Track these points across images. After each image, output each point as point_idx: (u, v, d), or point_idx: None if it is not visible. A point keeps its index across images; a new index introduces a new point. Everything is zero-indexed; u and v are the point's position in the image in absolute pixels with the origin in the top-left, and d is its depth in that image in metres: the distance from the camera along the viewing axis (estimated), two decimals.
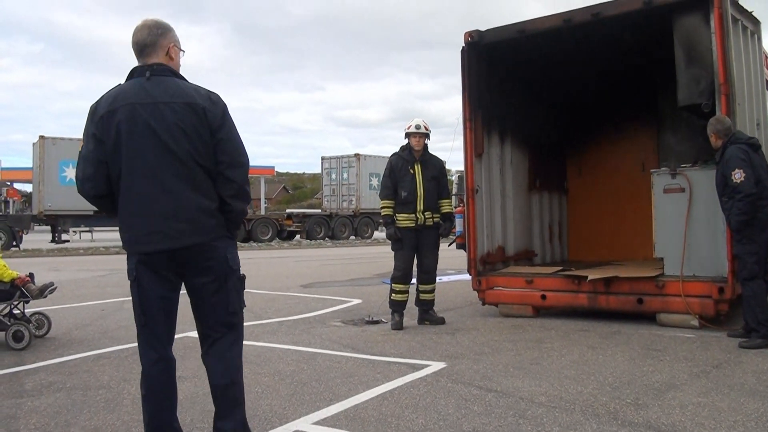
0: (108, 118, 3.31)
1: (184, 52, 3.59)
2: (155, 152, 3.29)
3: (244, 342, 3.72)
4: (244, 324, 3.72)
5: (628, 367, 5.71)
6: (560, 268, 9.11)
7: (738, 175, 6.37)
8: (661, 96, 10.81)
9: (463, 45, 8.84)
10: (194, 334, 3.72)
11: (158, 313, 3.41)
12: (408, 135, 8.14)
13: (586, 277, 7.99)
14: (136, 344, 3.55)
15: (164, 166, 3.30)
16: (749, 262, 6.48)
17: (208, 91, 3.48)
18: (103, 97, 3.42)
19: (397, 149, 8.33)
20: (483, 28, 8.82)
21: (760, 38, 8.46)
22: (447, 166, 8.79)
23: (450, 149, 35.94)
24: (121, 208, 3.38)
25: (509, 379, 5.34)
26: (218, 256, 3.43)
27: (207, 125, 3.36)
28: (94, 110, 3.39)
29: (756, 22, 8.33)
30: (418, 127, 8.09)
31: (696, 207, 7.60)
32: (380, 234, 36.37)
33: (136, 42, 3.45)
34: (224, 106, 3.48)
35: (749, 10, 8.04)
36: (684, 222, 7.62)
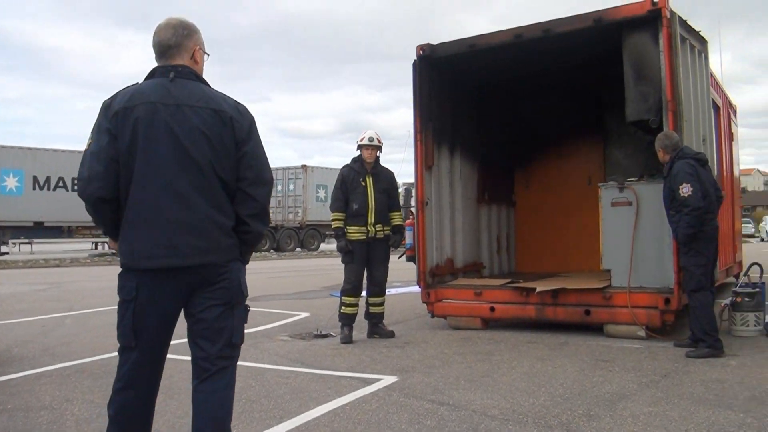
0: (124, 114, 2.98)
1: (208, 55, 3.33)
2: (174, 158, 2.97)
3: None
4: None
5: (578, 378, 5.73)
6: (508, 280, 9.15)
7: (686, 189, 6.50)
8: (608, 112, 11.02)
9: (415, 58, 8.84)
10: None
11: (154, 339, 3.02)
12: (360, 147, 8.08)
13: (535, 288, 8.04)
14: (78, 361, 3.33)
15: (182, 174, 2.97)
16: (696, 274, 6.60)
17: (236, 101, 3.21)
18: (118, 93, 3.10)
19: (344, 161, 8.29)
20: (434, 42, 8.84)
21: (707, 57, 8.68)
22: (398, 179, 8.77)
23: (400, 161, 36.00)
24: (127, 216, 3.00)
25: (461, 392, 5.29)
26: (230, 278, 3.07)
27: (233, 136, 3.07)
28: (108, 106, 3.05)
29: (703, 42, 8.54)
30: (371, 139, 8.05)
31: (643, 220, 7.72)
32: (327, 246, 36.20)
33: (159, 42, 3.16)
34: (252, 118, 3.21)
35: (697, 29, 8.24)
36: (631, 234, 7.73)
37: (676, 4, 7.49)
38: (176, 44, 3.15)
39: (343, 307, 7.91)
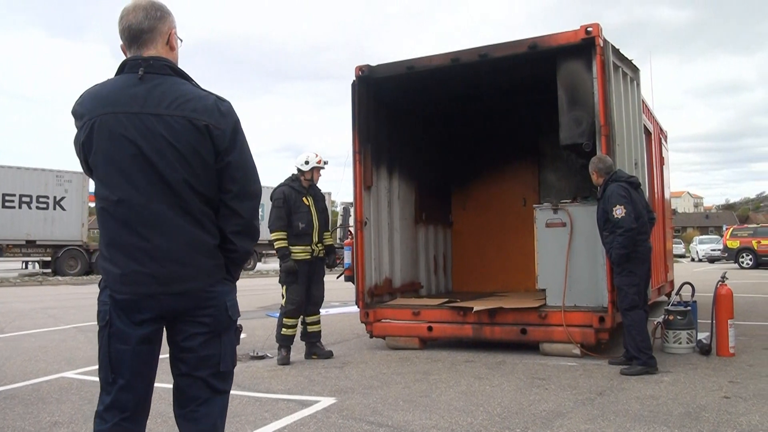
0: (83, 126, 2.64)
1: (182, 41, 2.89)
2: (144, 178, 2.60)
3: None
4: None
5: (515, 396, 5.79)
6: (446, 299, 9.21)
7: (619, 211, 6.69)
8: (542, 135, 11.28)
9: (354, 79, 8.89)
10: (71, 374, 3.34)
11: (134, 369, 2.63)
12: (313, 169, 8.06)
13: (472, 308, 8.12)
14: (8, 387, 3.05)
15: (156, 196, 2.60)
16: (630, 293, 6.78)
17: (218, 98, 2.76)
18: (82, 96, 2.71)
19: (282, 179, 8.21)
20: (374, 63, 8.92)
21: (638, 85, 8.97)
22: (335, 198, 8.79)
23: (339, 181, 35.97)
24: (104, 239, 2.66)
25: (400, 413, 5.28)
26: (217, 304, 2.71)
27: (211, 146, 2.67)
28: (74, 113, 2.70)
29: (635, 70, 8.84)
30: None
31: (576, 240, 7.91)
32: (263, 266, 35.77)
33: (129, 26, 2.71)
34: (236, 119, 2.77)
35: (629, 58, 8.52)
36: (565, 255, 7.90)
37: (611, 35, 7.73)
38: (149, 29, 2.72)
39: (283, 329, 7.79)
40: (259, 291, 20.55)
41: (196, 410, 2.73)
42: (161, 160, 2.60)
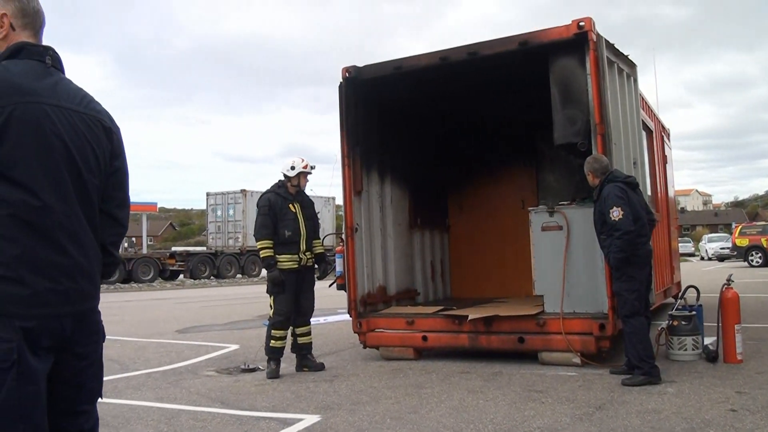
0: (4, 114, 2.15)
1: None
2: (67, 180, 2.26)
3: (105, 400, 2.94)
4: (108, 378, 2.87)
5: (509, 412, 5.49)
6: (441, 307, 8.90)
7: (616, 213, 6.36)
8: (538, 135, 10.95)
9: (341, 80, 8.61)
10: None
11: (42, 417, 2.19)
12: (300, 174, 7.79)
13: (467, 316, 7.81)
14: None
15: (74, 201, 2.27)
16: (630, 299, 6.46)
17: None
18: None
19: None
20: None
21: (635, 80, 8.66)
22: (339, 202, 8.58)
23: (338, 185, 35.64)
24: (4, 247, 2.14)
25: None
26: (100, 320, 2.43)
27: (110, 150, 2.44)
28: None
29: (632, 65, 8.53)
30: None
31: (574, 244, 7.60)
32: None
33: (39, 12, 2.40)
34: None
35: (625, 53, 8.21)
36: (562, 259, 7.59)
37: (613, 33, 7.44)
38: (44, 18, 2.43)
39: (272, 341, 7.52)
40: (259, 298, 20.28)
41: None
42: (84, 163, 2.31)
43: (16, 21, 2.35)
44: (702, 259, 45.88)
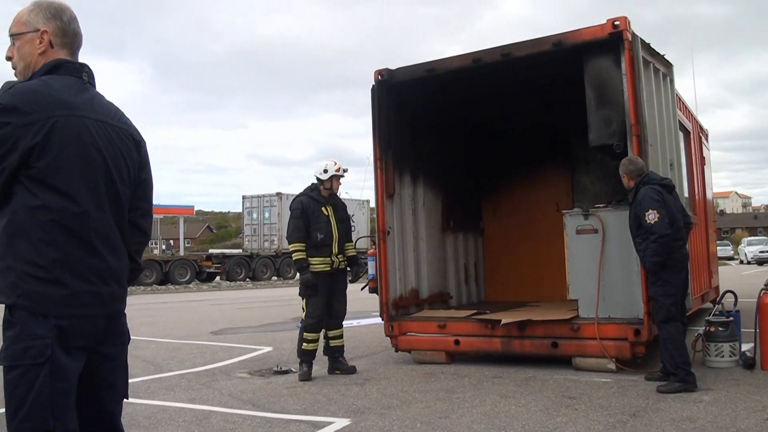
0: (40, 125, 2.28)
1: None
2: (103, 189, 2.43)
3: (137, 401, 3.07)
4: (142, 379, 3.07)
5: (541, 418, 5.41)
6: (474, 311, 8.82)
7: (651, 216, 6.23)
8: (573, 137, 10.80)
9: (373, 83, 8.59)
10: None
11: (73, 414, 2.33)
12: (332, 177, 7.80)
13: (500, 321, 7.72)
14: None
15: (108, 209, 2.45)
16: (665, 304, 6.32)
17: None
18: (20, 91, 2.32)
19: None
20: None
21: (672, 81, 8.49)
22: (374, 205, 8.57)
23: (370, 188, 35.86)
24: (44, 250, 2.29)
25: None
26: (126, 322, 2.61)
27: (139, 162, 2.63)
28: (10, 108, 2.26)
29: (668, 65, 8.37)
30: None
31: (609, 248, 7.46)
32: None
33: (77, 33, 2.55)
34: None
35: (661, 53, 8.07)
36: (597, 263, 7.46)
37: (649, 33, 7.30)
38: (82, 39, 2.59)
39: (304, 344, 7.53)
40: (294, 300, 20.36)
41: None
42: (118, 173, 2.50)
43: (56, 39, 2.50)
44: (741, 262, 44.98)
